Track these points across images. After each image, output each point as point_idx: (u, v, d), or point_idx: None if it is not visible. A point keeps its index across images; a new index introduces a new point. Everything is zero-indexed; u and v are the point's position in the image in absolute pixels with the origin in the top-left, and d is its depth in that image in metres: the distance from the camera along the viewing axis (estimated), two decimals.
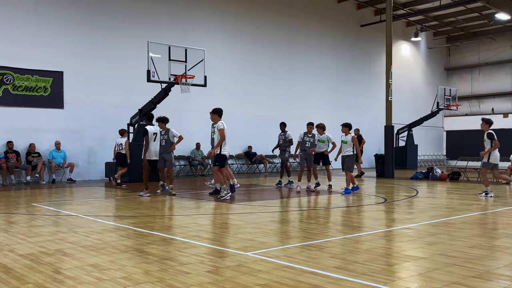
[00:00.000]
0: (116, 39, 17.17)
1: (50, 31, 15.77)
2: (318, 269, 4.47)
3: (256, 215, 8.33)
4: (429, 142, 30.40)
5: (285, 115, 20.53)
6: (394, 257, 5.08)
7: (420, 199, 10.64)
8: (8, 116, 14.94)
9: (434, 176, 16.31)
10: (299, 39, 23.19)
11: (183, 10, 19.05)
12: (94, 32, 16.69)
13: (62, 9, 16.04)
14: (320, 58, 24.11)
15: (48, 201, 10.26)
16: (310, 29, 23.71)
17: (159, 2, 18.38)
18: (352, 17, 26.01)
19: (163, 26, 18.22)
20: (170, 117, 16.17)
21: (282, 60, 22.45)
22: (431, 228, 6.86)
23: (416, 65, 30.49)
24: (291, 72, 22.77)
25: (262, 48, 21.63)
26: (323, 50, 24.29)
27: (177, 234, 6.38)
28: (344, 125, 11.97)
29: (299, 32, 23.20)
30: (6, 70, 14.96)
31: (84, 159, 16.49)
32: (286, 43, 22.69)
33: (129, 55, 17.13)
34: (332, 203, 10.06)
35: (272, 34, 22.05)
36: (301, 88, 23.10)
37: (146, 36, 15.66)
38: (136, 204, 9.72)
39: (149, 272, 4.41)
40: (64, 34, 16.04)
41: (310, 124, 12.49)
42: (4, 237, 6.12)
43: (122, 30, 17.34)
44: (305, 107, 22.82)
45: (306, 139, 12.35)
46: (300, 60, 23.17)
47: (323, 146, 12.45)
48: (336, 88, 24.79)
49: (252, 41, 21.26)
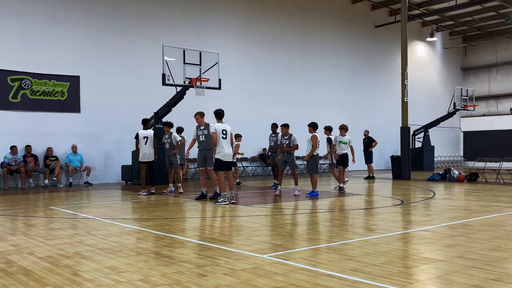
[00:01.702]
0: (131, 43, 17.34)
1: (66, 37, 15.98)
2: (334, 272, 4.45)
3: (272, 217, 8.32)
4: (446, 143, 30.05)
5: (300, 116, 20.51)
6: (411, 260, 5.03)
7: (437, 201, 10.52)
8: (27, 120, 15.18)
9: (451, 177, 16.11)
10: (313, 41, 23.14)
11: (196, 13, 19.16)
12: (109, 36, 16.88)
13: (78, 15, 16.25)
14: (335, 59, 24.02)
15: (66, 204, 10.38)
16: (324, 30, 23.65)
17: (173, 6, 18.50)
18: (367, 18, 25.88)
19: (177, 30, 18.34)
20: (185, 120, 16.53)
21: (296, 62, 22.43)
22: (449, 230, 6.78)
23: (432, 66, 30.19)
24: (305, 74, 22.73)
25: (276, 50, 21.63)
26: (338, 51, 24.21)
27: (193, 237, 6.40)
28: (310, 124, 11.56)
29: (313, 34, 23.16)
30: (24, 75, 15.20)
31: (100, 162, 16.65)
32: (300, 45, 22.66)
33: (144, 59, 17.28)
34: (348, 205, 9.99)
35: (286, 36, 22.05)
36: (316, 90, 23.03)
37: (161, 40, 15.76)
38: (152, 206, 9.78)
39: (166, 274, 4.44)
40: (80, 39, 16.25)
41: (283, 126, 11.62)
42: (23, 240, 6.21)
43: (137, 35, 17.50)
44: (319, 108, 22.73)
45: (283, 141, 11.65)
46: (315, 61, 23.12)
47: (345, 148, 12.23)
48: (351, 89, 24.67)
49: (266, 43, 21.28)
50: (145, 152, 12.04)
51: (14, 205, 10.23)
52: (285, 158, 11.69)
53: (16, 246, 5.82)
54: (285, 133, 11.62)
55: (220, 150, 9.86)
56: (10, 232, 6.91)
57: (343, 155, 12.36)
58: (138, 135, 12.17)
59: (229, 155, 10.01)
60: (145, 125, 12.52)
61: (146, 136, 12.09)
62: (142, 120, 12.84)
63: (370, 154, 18.32)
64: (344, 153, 12.34)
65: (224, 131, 9.96)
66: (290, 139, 11.49)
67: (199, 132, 10.62)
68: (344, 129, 12.33)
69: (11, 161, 14.45)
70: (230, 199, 9.94)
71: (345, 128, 12.35)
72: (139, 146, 12.13)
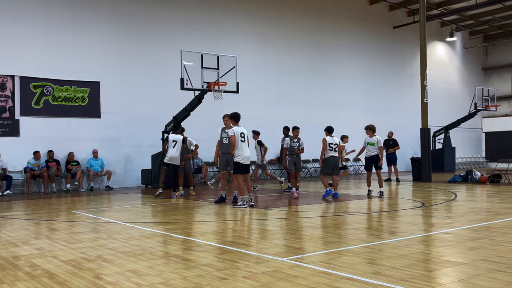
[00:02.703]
0: (150, 49, 17.53)
1: (86, 43, 16.24)
2: (355, 275, 4.42)
3: (291, 220, 8.31)
4: (467, 144, 29.58)
5: (318, 118, 20.47)
6: (433, 263, 4.97)
7: (459, 203, 10.37)
8: (49, 126, 15.46)
9: (473, 179, 15.86)
10: (331, 42, 23.06)
11: (215, 18, 19.27)
12: (129, 42, 17.10)
13: (98, 22, 16.50)
14: (353, 60, 23.90)
15: (87, 208, 10.53)
16: (342, 32, 23.55)
17: (192, 11, 18.65)
18: (385, 19, 25.69)
19: (195, 35, 18.48)
20: (203, 124, 16.65)
21: (314, 64, 22.37)
22: (472, 232, 6.68)
23: (452, 66, 29.79)
24: (324, 75, 22.66)
25: (293, 53, 21.62)
26: (356, 53, 24.07)
27: (212, 240, 6.43)
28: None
29: (331, 36, 23.08)
30: (46, 82, 15.49)
31: (121, 166, 16.85)
32: (318, 46, 22.61)
33: (162, 63, 17.45)
34: (368, 207, 9.92)
35: (303, 38, 22.02)
36: (335, 91, 22.93)
37: (179, 45, 15.91)
38: (172, 210, 9.86)
39: (186, 277, 4.47)
40: (100, 46, 16.50)
41: (296, 128, 12.17)
42: (47, 244, 6.32)
43: (156, 40, 17.69)
44: (338, 110, 22.63)
45: (293, 144, 11.98)
46: (333, 63, 23.03)
47: (373, 150, 11.70)
48: (370, 91, 24.49)
49: (284, 46, 21.28)
50: (171, 155, 12.26)
51: (37, 209, 10.42)
52: (294, 160, 11.97)
53: (40, 249, 5.94)
54: (296, 136, 11.90)
55: (240, 153, 9.89)
56: (34, 236, 7.04)
57: (373, 157, 11.78)
58: (168, 138, 12.51)
59: (248, 158, 10.04)
60: (175, 130, 12.80)
61: (175, 140, 12.35)
62: (174, 125, 13.25)
63: (394, 156, 18.10)
64: (373, 155, 11.76)
65: (242, 134, 10.01)
66: (299, 142, 11.94)
67: (223, 135, 10.67)
68: (371, 129, 11.76)
69: (34, 166, 14.73)
70: (249, 202, 9.97)
71: (371, 128, 11.73)
72: (166, 148, 12.50)
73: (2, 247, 6.11)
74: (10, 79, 14.92)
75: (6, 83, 14.85)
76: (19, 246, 6.20)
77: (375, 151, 11.78)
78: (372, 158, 11.89)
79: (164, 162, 12.51)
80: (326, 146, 11.36)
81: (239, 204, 10.00)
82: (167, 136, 12.71)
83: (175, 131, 12.76)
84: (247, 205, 9.91)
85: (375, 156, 11.84)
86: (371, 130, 11.80)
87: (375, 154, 11.82)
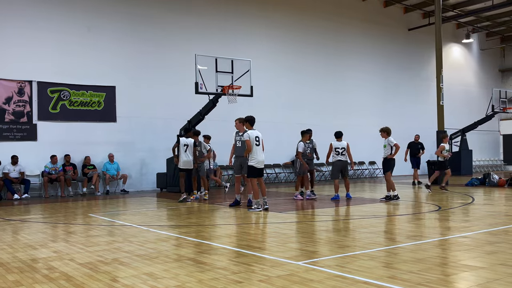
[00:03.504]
0: (164, 53, 17.67)
1: (102, 48, 16.45)
2: (371, 279, 4.39)
3: (306, 224, 8.28)
4: (484, 147, 29.19)
5: (333, 122, 20.37)
6: (450, 267, 4.91)
7: (476, 207, 10.23)
8: (65, 130, 15.66)
9: (491, 182, 15.64)
10: (345, 46, 22.99)
11: (229, 21, 19.36)
12: (143, 47, 17.26)
13: (113, 27, 16.70)
14: (368, 63, 23.79)
15: (104, 212, 10.63)
16: (357, 35, 23.47)
17: (206, 15, 18.76)
18: (400, 21, 25.53)
19: (209, 38, 18.57)
20: (217, 128, 16.70)
21: (328, 67, 22.32)
22: (490, 236, 6.58)
23: (468, 68, 29.46)
24: (338, 78, 22.59)
25: (308, 56, 21.60)
26: (371, 56, 23.96)
27: (228, 243, 6.44)
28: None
29: (345, 39, 23.01)
30: (63, 87, 15.71)
31: (136, 170, 16.99)
32: (333, 50, 22.55)
33: (177, 68, 17.57)
34: (383, 211, 9.84)
35: (318, 41, 22.00)
36: (349, 95, 22.84)
37: (194, 49, 15.99)
38: (187, 213, 9.90)
39: (202, 281, 4.48)
40: (115, 51, 16.69)
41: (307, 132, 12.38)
42: (64, 247, 6.39)
43: (171, 44, 17.83)
44: (353, 113, 22.54)
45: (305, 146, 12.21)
46: (347, 66, 22.95)
47: (385, 152, 11.66)
48: (385, 94, 24.34)
49: (297, 49, 21.28)
50: (184, 159, 12.29)
51: (54, 212, 10.55)
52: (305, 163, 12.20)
53: (57, 252, 6.01)
54: (307, 139, 12.28)
55: (254, 156, 9.89)
56: (52, 239, 7.13)
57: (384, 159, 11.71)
58: (179, 141, 12.45)
59: (262, 162, 10.04)
60: (186, 133, 12.84)
61: (187, 144, 12.38)
62: (185, 128, 13.20)
63: (418, 160, 17.70)
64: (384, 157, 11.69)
65: (257, 137, 10.00)
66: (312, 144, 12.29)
67: (236, 138, 10.71)
68: (385, 131, 11.60)
69: (51, 170, 14.93)
70: (263, 205, 9.96)
71: (385, 130, 11.61)
72: (176, 153, 12.41)
73: (20, 250, 6.19)
74: (28, 84, 15.17)
75: (24, 88, 15.10)
76: (37, 249, 6.28)
77: (387, 152, 11.66)
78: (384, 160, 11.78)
79: (179, 168, 12.50)
80: (330, 150, 12.13)
81: (254, 207, 10.00)
82: (178, 138, 12.65)
83: (186, 134, 12.77)
84: (261, 208, 9.91)
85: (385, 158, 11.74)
86: (385, 132, 11.72)
87: (386, 155, 11.68)
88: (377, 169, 22.86)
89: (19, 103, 15.03)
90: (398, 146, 11.55)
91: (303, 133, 12.47)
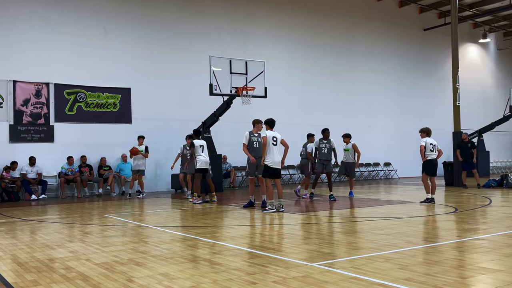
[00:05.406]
0: (179, 55, 17.76)
1: (118, 51, 16.60)
2: (387, 281, 4.36)
3: (321, 225, 8.25)
4: (502, 148, 28.76)
5: (347, 123, 20.27)
6: (467, 269, 4.85)
7: (494, 208, 10.09)
8: (82, 132, 15.83)
9: (508, 183, 15.42)
10: (360, 46, 22.87)
11: (243, 23, 19.39)
12: (158, 48, 17.38)
13: (128, 29, 16.84)
14: (383, 64, 23.61)
15: (119, 212, 10.72)
16: (372, 35, 23.32)
17: (220, 17, 18.81)
18: (415, 21, 25.31)
19: (224, 40, 18.62)
20: (231, 129, 16.74)
21: (343, 68, 22.22)
22: (508, 239, 6.48)
23: (485, 68, 29.08)
24: (352, 79, 22.48)
25: (322, 57, 21.53)
26: (386, 56, 23.79)
27: (242, 244, 6.45)
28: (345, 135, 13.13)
29: (360, 39, 22.89)
30: (79, 89, 15.89)
31: (151, 171, 17.08)
32: (347, 50, 22.45)
33: (192, 69, 17.64)
34: (400, 212, 9.76)
35: (332, 42, 21.92)
36: (364, 95, 22.70)
37: (208, 51, 16.05)
38: (202, 214, 9.94)
39: (216, 281, 4.49)
40: (130, 53, 16.82)
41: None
42: (81, 247, 6.47)
43: (185, 46, 17.91)
44: (368, 114, 22.39)
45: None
46: (363, 67, 22.82)
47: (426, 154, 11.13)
48: (400, 94, 24.14)
49: (312, 50, 21.23)
50: (204, 159, 12.14)
51: (71, 213, 10.67)
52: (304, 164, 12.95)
53: (74, 252, 6.08)
54: (312, 141, 12.79)
55: (270, 156, 9.88)
56: (68, 239, 7.22)
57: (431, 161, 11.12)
58: (194, 144, 12.31)
59: (277, 163, 10.01)
60: (198, 135, 12.84)
61: (202, 145, 12.33)
62: (196, 131, 13.13)
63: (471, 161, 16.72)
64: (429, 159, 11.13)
65: (275, 138, 10.01)
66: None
67: (253, 139, 10.70)
68: (425, 132, 11.20)
69: (68, 171, 15.10)
70: (279, 207, 9.93)
71: (425, 131, 11.21)
72: (196, 155, 12.21)
73: (38, 250, 6.28)
74: (45, 87, 15.37)
75: (41, 90, 15.31)
76: (54, 249, 6.36)
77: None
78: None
79: (198, 169, 12.16)
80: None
81: (268, 208, 9.99)
82: (192, 142, 12.35)
83: (197, 136, 12.72)
84: (275, 209, 9.89)
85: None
86: (425, 133, 11.39)
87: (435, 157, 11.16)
88: (392, 171, 22.68)
89: (37, 105, 15.24)
90: (441, 151, 11.14)
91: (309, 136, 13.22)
